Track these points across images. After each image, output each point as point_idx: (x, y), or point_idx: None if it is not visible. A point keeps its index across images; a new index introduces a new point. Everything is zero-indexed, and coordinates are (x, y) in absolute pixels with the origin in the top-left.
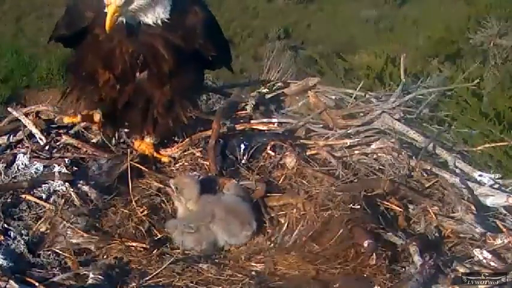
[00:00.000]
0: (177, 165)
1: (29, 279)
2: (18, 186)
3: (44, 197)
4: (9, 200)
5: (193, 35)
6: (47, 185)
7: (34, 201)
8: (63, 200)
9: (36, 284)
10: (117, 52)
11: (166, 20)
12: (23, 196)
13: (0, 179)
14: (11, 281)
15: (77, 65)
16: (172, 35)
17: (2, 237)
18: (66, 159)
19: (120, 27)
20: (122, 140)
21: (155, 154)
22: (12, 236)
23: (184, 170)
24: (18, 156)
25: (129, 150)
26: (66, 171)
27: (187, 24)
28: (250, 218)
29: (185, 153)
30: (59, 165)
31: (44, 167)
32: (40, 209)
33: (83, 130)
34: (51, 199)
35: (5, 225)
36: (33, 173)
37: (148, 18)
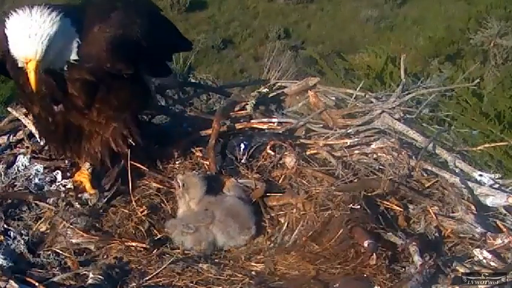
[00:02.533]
0: (176, 163)
1: (29, 279)
2: (24, 197)
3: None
4: (9, 201)
5: (100, 61)
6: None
7: (34, 203)
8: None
9: (36, 284)
10: (27, 90)
11: (73, 61)
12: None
13: (1, 180)
14: (11, 281)
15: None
16: (79, 72)
17: (2, 237)
18: (66, 160)
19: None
20: None
21: (87, 187)
22: (12, 236)
23: (185, 169)
24: (18, 158)
25: (128, 150)
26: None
27: (92, 54)
28: (250, 222)
29: (185, 152)
30: (59, 170)
31: (44, 168)
32: (40, 210)
33: None
34: (51, 200)
35: (5, 226)
36: (34, 174)
37: (56, 66)
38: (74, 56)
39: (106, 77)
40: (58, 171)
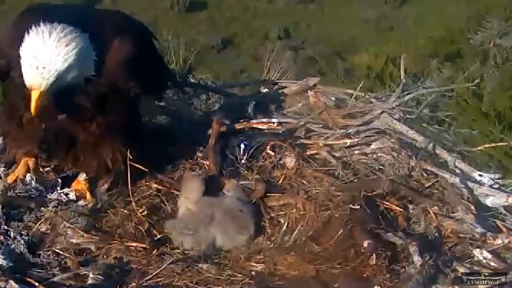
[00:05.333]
0: (176, 164)
1: (29, 279)
2: (26, 204)
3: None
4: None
5: (115, 76)
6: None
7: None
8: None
9: (36, 284)
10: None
11: (91, 77)
12: None
13: (1, 182)
14: (11, 281)
15: (4, 103)
16: (95, 87)
17: (2, 237)
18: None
19: None
20: None
21: (87, 196)
22: (12, 236)
23: (185, 169)
24: None
25: (128, 151)
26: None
27: (108, 68)
28: (249, 224)
29: (185, 152)
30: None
31: (45, 171)
32: (40, 212)
33: None
34: (52, 204)
35: (5, 227)
36: (34, 177)
37: (71, 83)
38: (91, 72)
39: (115, 92)
40: (59, 179)
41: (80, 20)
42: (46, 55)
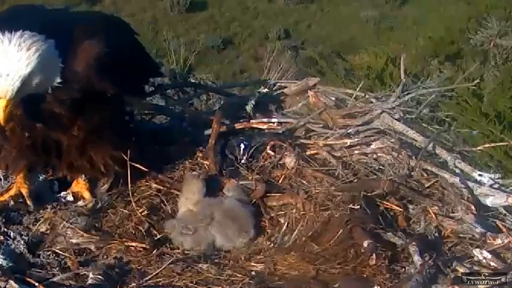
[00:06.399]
0: (176, 164)
1: (29, 279)
2: (24, 208)
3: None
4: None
5: (88, 79)
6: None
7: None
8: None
9: (36, 284)
10: None
11: (57, 84)
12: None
13: (0, 185)
14: (11, 281)
15: None
16: (66, 92)
17: (2, 238)
18: None
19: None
20: None
21: (86, 196)
22: (12, 236)
23: (185, 169)
24: None
25: (128, 151)
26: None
27: (79, 71)
28: (249, 225)
29: (185, 152)
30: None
31: (46, 172)
32: (40, 214)
33: None
34: (50, 205)
35: (5, 229)
36: (34, 180)
37: (38, 91)
38: (58, 80)
39: (91, 95)
40: (55, 181)
41: (47, 26)
42: (8, 62)
